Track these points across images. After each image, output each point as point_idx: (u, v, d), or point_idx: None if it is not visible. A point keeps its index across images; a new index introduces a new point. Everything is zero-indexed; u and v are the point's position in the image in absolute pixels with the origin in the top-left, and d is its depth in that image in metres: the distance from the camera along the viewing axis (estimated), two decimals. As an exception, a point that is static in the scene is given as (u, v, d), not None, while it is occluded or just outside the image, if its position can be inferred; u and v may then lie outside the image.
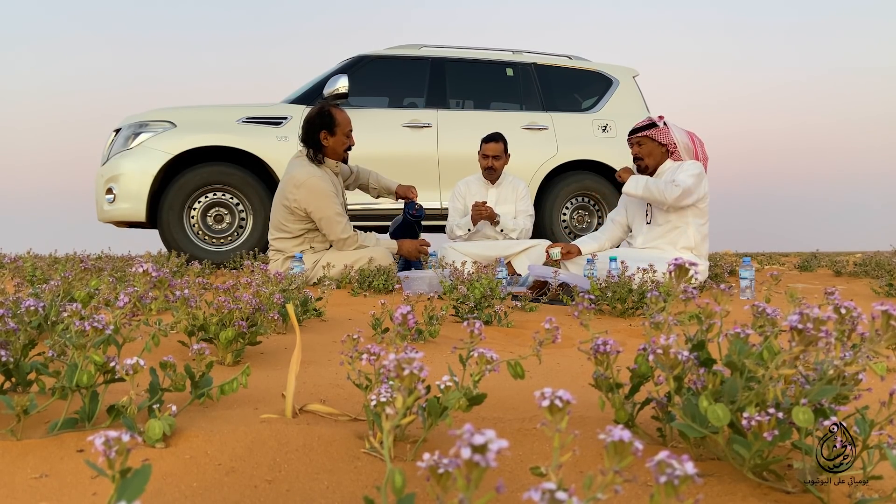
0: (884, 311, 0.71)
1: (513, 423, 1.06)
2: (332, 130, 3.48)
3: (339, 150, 3.54)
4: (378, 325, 1.81)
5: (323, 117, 3.47)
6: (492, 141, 4.20)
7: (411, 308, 0.94)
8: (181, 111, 4.61)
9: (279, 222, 3.53)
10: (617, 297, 2.63)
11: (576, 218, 5.33)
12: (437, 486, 0.44)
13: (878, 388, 1.32)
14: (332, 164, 3.58)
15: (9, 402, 0.90)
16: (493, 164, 4.18)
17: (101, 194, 4.55)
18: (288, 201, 3.46)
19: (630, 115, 5.26)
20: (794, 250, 17.33)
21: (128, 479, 0.50)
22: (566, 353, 1.88)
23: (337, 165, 3.61)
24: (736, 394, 0.80)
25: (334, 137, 3.49)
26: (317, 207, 3.42)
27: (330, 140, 3.49)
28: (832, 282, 4.93)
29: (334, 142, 3.50)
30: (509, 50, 5.53)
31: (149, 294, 1.14)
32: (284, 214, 3.50)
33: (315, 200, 3.41)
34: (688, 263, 0.93)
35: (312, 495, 0.77)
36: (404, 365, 0.58)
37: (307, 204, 3.42)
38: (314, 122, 3.48)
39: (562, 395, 0.49)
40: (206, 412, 1.08)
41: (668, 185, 3.40)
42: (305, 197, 3.40)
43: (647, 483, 0.82)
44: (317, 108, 3.55)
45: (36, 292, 1.73)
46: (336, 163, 3.60)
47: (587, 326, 1.07)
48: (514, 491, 0.80)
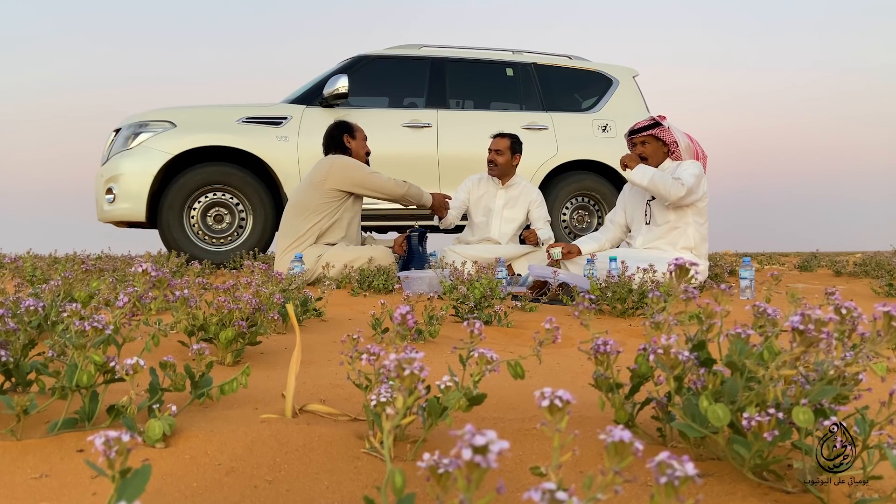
0: (885, 311, 0.71)
1: (513, 423, 1.06)
2: (353, 135, 3.81)
3: (360, 152, 3.83)
4: (378, 325, 1.81)
5: (342, 125, 3.83)
6: (497, 136, 4.25)
7: (411, 308, 0.94)
8: (181, 111, 4.61)
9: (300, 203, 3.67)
10: (617, 297, 2.63)
11: (576, 218, 5.33)
12: (438, 486, 0.44)
13: (878, 388, 1.32)
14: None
15: (9, 402, 0.90)
16: (495, 157, 4.20)
17: (101, 194, 4.55)
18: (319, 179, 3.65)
19: (630, 115, 5.26)
20: (794, 250, 17.32)
21: (128, 479, 0.50)
22: (566, 353, 1.87)
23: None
24: (736, 394, 0.79)
25: (356, 141, 3.82)
26: (354, 171, 3.66)
27: (353, 143, 3.81)
28: (832, 282, 4.93)
29: (356, 144, 3.82)
30: (509, 50, 5.53)
31: (149, 294, 1.14)
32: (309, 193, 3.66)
33: (348, 168, 3.65)
34: (688, 263, 0.93)
35: (312, 495, 0.77)
36: (405, 365, 0.58)
37: (343, 174, 3.63)
38: (335, 131, 3.82)
39: (562, 394, 0.49)
40: (206, 412, 1.08)
41: (675, 182, 3.40)
42: (339, 168, 3.64)
43: (647, 483, 0.82)
44: (333, 122, 3.88)
45: (36, 292, 1.73)
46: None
47: (587, 326, 1.07)
48: (514, 491, 0.80)
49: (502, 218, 4.28)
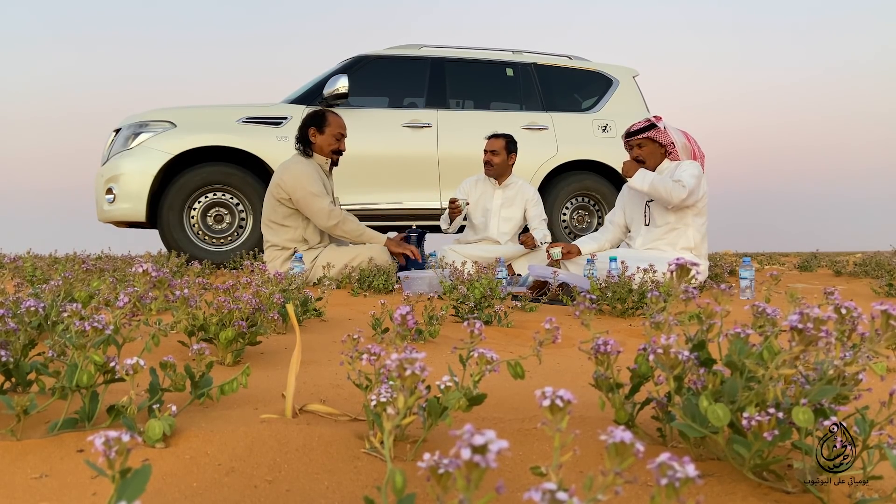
0: (883, 310, 0.71)
1: (513, 423, 1.06)
2: (321, 129, 3.63)
3: (325, 148, 3.66)
4: (378, 325, 1.81)
5: (315, 116, 3.66)
6: (492, 136, 4.27)
7: (411, 308, 0.94)
8: (181, 111, 4.61)
9: (267, 216, 3.64)
10: (617, 297, 2.63)
11: (576, 218, 5.33)
12: (438, 486, 0.44)
13: (878, 388, 1.32)
14: (322, 161, 3.69)
15: (9, 402, 0.90)
16: (491, 158, 4.23)
17: (101, 194, 4.55)
18: (274, 189, 3.57)
19: (630, 115, 5.26)
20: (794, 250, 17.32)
21: (128, 479, 0.50)
22: (566, 353, 1.87)
23: (327, 163, 3.71)
24: (736, 394, 0.79)
25: (322, 136, 3.63)
26: (297, 186, 3.50)
27: (318, 137, 3.64)
28: (832, 282, 4.93)
29: (322, 139, 3.64)
30: (509, 50, 5.53)
31: (149, 294, 1.14)
32: (272, 206, 3.60)
33: (293, 180, 3.51)
34: (688, 263, 0.93)
35: (312, 495, 0.77)
36: (406, 365, 0.58)
37: (288, 185, 3.51)
38: (306, 120, 3.68)
39: (563, 394, 0.49)
40: (206, 412, 1.08)
41: (675, 184, 3.40)
42: (287, 179, 3.51)
43: (647, 483, 0.82)
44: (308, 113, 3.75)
45: (36, 292, 1.73)
46: (326, 160, 3.70)
47: (587, 326, 1.07)
48: (514, 491, 0.80)
49: (500, 217, 4.29)
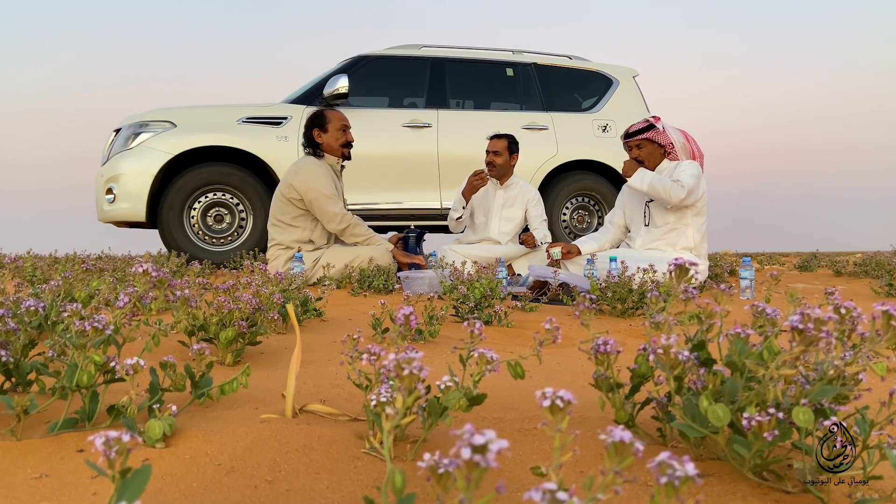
0: (884, 311, 0.71)
1: (513, 423, 1.06)
2: (323, 127, 3.64)
3: (334, 144, 3.66)
4: (378, 326, 1.81)
5: (315, 118, 3.67)
6: (495, 137, 4.28)
7: (413, 309, 0.94)
8: (181, 111, 4.61)
9: (275, 216, 3.64)
10: (617, 297, 2.63)
11: (576, 218, 5.33)
12: (438, 486, 0.44)
13: (878, 388, 1.32)
14: (333, 161, 3.70)
15: (9, 402, 0.90)
16: (493, 158, 4.24)
17: (101, 194, 4.55)
18: (285, 189, 3.57)
19: (630, 115, 5.26)
20: (794, 250, 17.32)
21: (128, 479, 0.50)
22: (566, 353, 1.87)
23: (338, 163, 3.72)
24: (736, 394, 0.79)
25: (327, 133, 3.64)
26: (310, 188, 3.51)
27: (323, 136, 3.64)
28: (832, 282, 4.92)
29: (328, 137, 3.64)
30: (509, 50, 5.53)
31: (149, 294, 1.14)
32: (281, 205, 3.60)
33: (307, 182, 3.52)
34: (688, 263, 0.93)
35: (312, 495, 0.77)
36: (404, 365, 0.58)
37: (301, 187, 3.51)
38: (308, 124, 3.69)
39: (563, 394, 0.49)
40: (206, 412, 1.08)
41: (674, 184, 3.40)
42: (301, 181, 3.52)
43: (647, 483, 0.82)
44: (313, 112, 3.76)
45: (36, 292, 1.73)
46: (337, 161, 3.71)
47: (587, 326, 1.07)
48: (514, 491, 0.80)
49: (501, 217, 4.30)
